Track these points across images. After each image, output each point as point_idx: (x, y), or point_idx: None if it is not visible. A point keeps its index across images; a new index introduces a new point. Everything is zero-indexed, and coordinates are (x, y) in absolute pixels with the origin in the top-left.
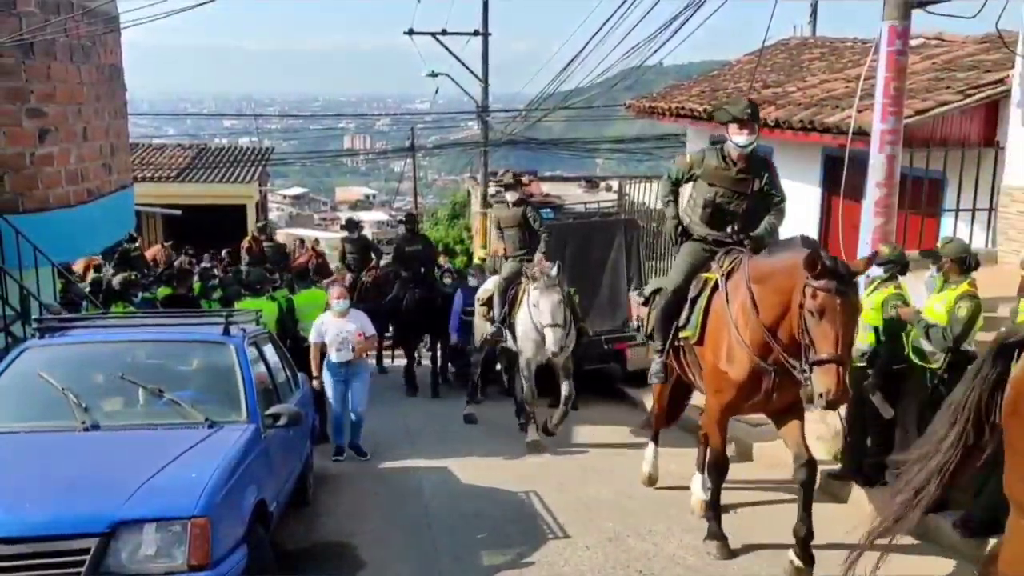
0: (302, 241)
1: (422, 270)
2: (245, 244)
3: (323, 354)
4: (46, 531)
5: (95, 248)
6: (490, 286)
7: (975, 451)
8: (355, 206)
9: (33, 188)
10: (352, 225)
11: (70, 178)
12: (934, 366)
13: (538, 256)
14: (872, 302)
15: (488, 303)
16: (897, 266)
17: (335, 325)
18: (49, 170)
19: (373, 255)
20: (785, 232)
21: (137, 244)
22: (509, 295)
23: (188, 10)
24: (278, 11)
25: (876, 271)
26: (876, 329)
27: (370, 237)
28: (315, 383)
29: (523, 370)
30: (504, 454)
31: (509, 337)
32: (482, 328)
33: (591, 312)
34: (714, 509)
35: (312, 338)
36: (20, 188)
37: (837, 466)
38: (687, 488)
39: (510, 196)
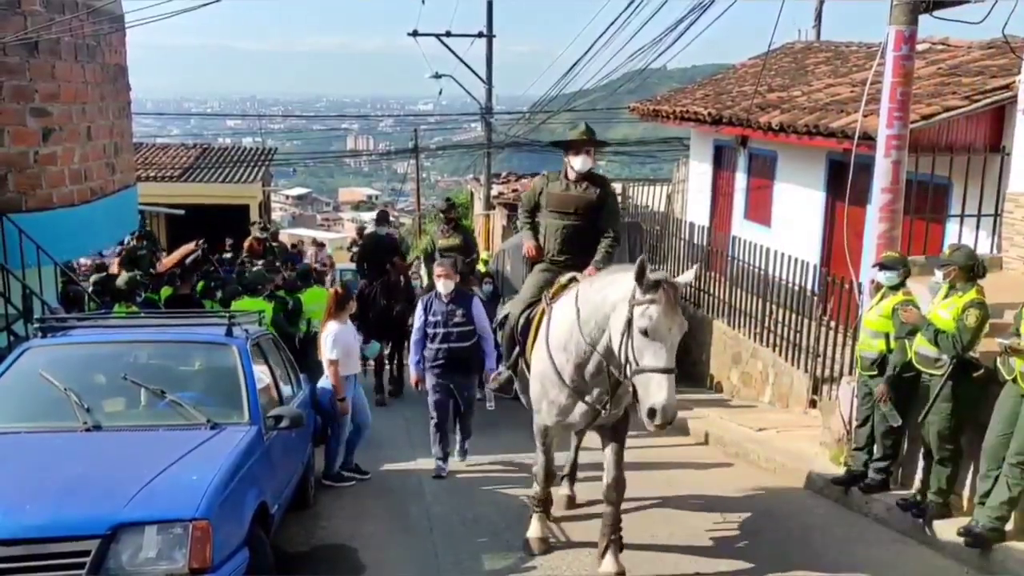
0: (318, 245)
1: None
2: (247, 244)
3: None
4: (46, 533)
5: (98, 247)
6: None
7: None
8: (358, 207)
9: (36, 187)
10: (384, 218)
11: (73, 177)
12: (937, 372)
13: (589, 270)
14: (882, 309)
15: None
16: (906, 272)
17: (350, 333)
18: (53, 169)
19: (394, 256)
20: (789, 234)
21: (145, 244)
22: (521, 321)
23: (193, 9)
24: (282, 12)
25: (884, 278)
26: (886, 336)
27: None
28: (344, 405)
29: (537, 438)
30: (506, 458)
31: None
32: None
33: None
34: None
35: (333, 354)
36: (24, 187)
37: (841, 471)
38: (688, 492)
39: (578, 164)
